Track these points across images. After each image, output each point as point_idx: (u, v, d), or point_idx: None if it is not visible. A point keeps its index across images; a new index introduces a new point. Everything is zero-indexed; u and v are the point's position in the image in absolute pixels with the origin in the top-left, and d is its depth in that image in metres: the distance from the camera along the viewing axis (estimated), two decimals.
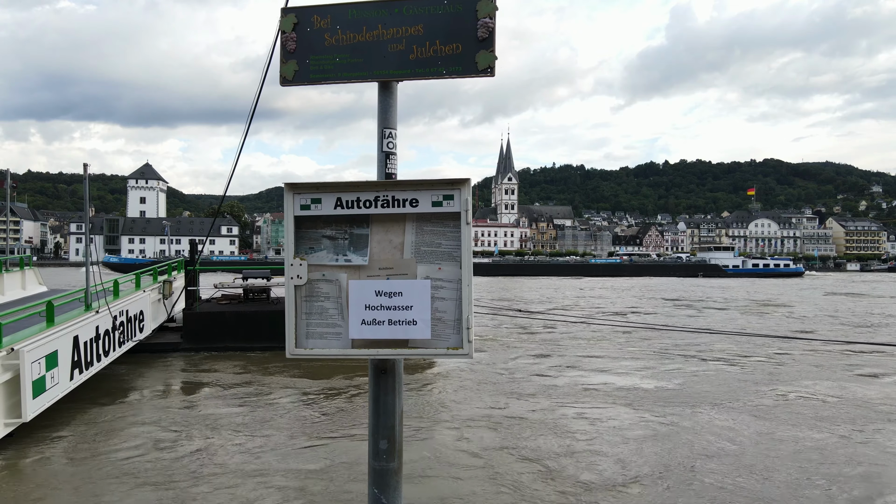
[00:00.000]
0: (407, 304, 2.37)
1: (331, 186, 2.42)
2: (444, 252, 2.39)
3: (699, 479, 6.56)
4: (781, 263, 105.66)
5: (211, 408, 9.49)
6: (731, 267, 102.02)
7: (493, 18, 2.42)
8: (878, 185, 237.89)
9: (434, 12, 2.46)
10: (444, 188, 2.36)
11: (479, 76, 2.43)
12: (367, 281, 2.40)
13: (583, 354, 14.73)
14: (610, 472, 6.81)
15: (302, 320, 2.44)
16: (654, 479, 6.59)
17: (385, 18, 2.50)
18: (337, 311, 2.43)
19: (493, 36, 2.42)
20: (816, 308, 31.22)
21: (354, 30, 2.52)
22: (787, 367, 13.25)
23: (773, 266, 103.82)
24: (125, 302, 11.50)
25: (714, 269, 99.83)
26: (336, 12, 2.54)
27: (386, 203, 2.40)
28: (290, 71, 2.57)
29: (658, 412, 9.30)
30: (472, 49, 2.43)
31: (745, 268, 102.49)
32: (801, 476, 6.68)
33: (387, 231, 2.43)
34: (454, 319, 2.37)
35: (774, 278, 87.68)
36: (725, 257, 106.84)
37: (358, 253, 2.44)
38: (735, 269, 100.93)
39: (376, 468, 2.49)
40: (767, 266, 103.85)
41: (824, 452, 7.51)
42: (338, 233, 2.45)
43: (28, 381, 7.37)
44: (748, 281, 75.41)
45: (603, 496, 6.13)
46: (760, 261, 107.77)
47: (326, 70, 2.54)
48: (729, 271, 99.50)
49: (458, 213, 2.35)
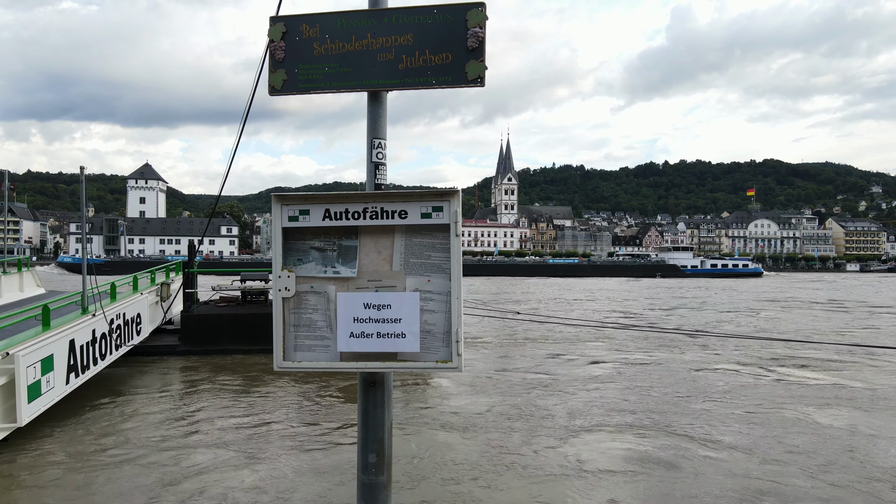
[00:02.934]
0: (396, 317, 2.35)
1: (319, 198, 2.39)
2: (433, 264, 2.37)
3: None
4: (740, 264, 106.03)
5: (207, 413, 9.46)
6: (690, 267, 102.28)
7: (482, 28, 2.40)
8: (877, 185, 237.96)
9: (423, 21, 2.44)
10: (433, 200, 2.34)
11: (468, 86, 2.41)
12: (356, 293, 2.38)
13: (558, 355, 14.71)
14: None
15: (290, 332, 2.42)
16: (654, 485, 6.57)
17: (374, 27, 2.48)
18: (325, 323, 2.41)
19: (483, 46, 2.40)
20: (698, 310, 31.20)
21: (343, 39, 2.50)
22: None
23: (731, 266, 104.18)
24: (122, 305, 11.46)
25: (672, 269, 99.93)
26: (325, 21, 2.52)
27: (375, 214, 2.37)
28: (278, 80, 2.55)
29: (655, 421, 9.28)
30: (462, 59, 2.41)
31: (703, 268, 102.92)
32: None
33: (375, 242, 2.41)
34: (443, 332, 2.35)
35: (733, 279, 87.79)
36: (684, 258, 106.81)
37: (346, 265, 2.41)
38: (693, 270, 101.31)
39: (365, 482, 2.46)
40: (726, 266, 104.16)
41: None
42: (326, 244, 2.43)
43: (23, 386, 7.34)
44: (702, 281, 75.59)
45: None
46: (719, 261, 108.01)
47: (315, 80, 2.52)
48: (687, 271, 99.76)
49: (448, 224, 2.33)
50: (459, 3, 2.40)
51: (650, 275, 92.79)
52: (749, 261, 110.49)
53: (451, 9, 2.41)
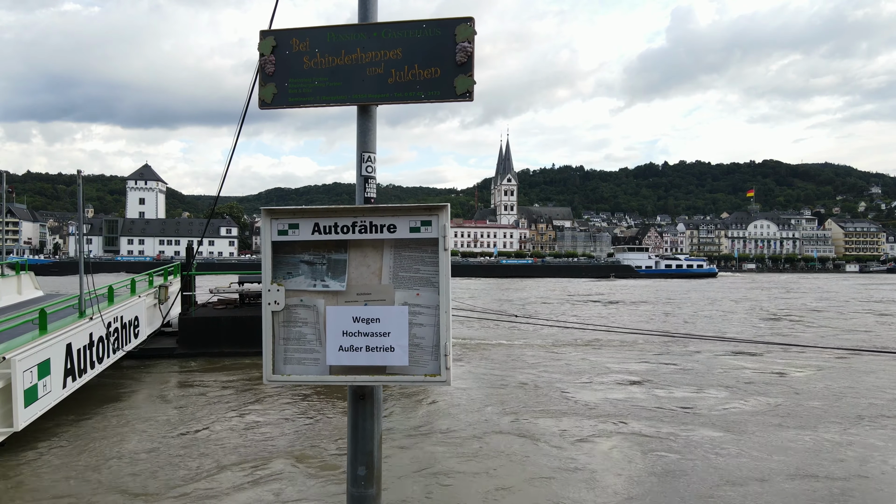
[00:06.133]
0: (385, 331, 2.36)
1: (308, 212, 2.40)
2: (422, 277, 2.38)
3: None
4: (695, 264, 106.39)
5: (202, 420, 9.44)
6: (644, 268, 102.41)
7: (471, 43, 2.41)
8: (877, 186, 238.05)
9: (412, 36, 2.45)
10: (421, 214, 2.35)
11: (457, 101, 2.42)
12: (345, 307, 2.39)
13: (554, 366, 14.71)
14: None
15: (280, 346, 2.43)
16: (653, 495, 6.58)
17: (363, 42, 2.49)
18: (315, 336, 2.42)
19: (472, 60, 2.41)
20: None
21: (333, 53, 2.51)
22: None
23: (685, 267, 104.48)
24: (120, 308, 11.46)
25: (627, 269, 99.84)
26: (315, 35, 2.53)
27: (364, 229, 2.38)
28: (268, 94, 2.56)
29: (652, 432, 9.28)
30: (451, 73, 2.42)
31: (657, 269, 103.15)
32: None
33: (365, 256, 2.42)
34: (432, 346, 2.36)
35: (686, 279, 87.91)
36: (639, 258, 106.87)
37: (336, 278, 2.42)
38: (647, 270, 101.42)
39: (354, 495, 2.47)
40: (680, 266, 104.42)
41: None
42: (316, 258, 2.44)
43: (20, 390, 7.34)
44: (652, 281, 75.67)
45: None
46: (673, 261, 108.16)
47: (305, 93, 2.53)
48: (641, 272, 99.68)
49: (437, 238, 2.34)
50: (448, 18, 2.41)
51: (604, 275, 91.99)
52: (703, 261, 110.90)
53: (439, 23, 2.42)
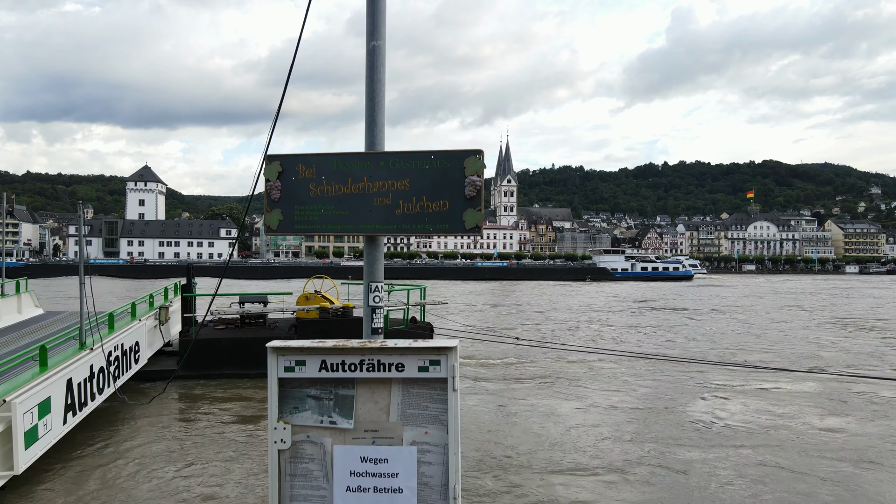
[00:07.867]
0: (393, 472, 2.33)
1: (315, 350, 2.37)
2: (430, 415, 2.35)
3: None
4: (671, 267, 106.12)
5: (203, 448, 9.42)
6: (620, 270, 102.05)
7: (480, 176, 2.37)
8: (877, 186, 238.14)
9: (420, 167, 2.42)
10: (430, 354, 2.32)
11: (466, 234, 2.39)
12: (353, 446, 2.36)
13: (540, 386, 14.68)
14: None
15: (286, 482, 2.40)
16: None
17: (371, 171, 2.46)
18: (322, 473, 2.39)
19: (481, 194, 2.38)
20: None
21: (340, 181, 2.48)
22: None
23: (661, 269, 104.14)
24: (120, 335, 11.41)
25: (602, 272, 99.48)
26: (321, 162, 2.49)
27: (371, 367, 2.35)
28: (274, 220, 2.53)
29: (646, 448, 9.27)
30: (460, 207, 2.39)
31: (633, 271, 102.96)
32: None
33: (372, 392, 2.38)
34: (441, 485, 2.33)
35: (662, 281, 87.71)
36: (615, 261, 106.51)
37: (343, 414, 2.39)
38: (623, 273, 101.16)
39: None
40: (656, 269, 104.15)
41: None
42: (323, 393, 2.41)
43: (20, 433, 7.29)
44: (630, 285, 75.44)
45: None
46: (649, 264, 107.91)
47: (311, 222, 2.50)
48: (617, 275, 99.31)
49: (445, 378, 2.31)
50: (457, 151, 2.38)
51: (580, 278, 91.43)
52: (679, 263, 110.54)
53: (448, 155, 2.38)
